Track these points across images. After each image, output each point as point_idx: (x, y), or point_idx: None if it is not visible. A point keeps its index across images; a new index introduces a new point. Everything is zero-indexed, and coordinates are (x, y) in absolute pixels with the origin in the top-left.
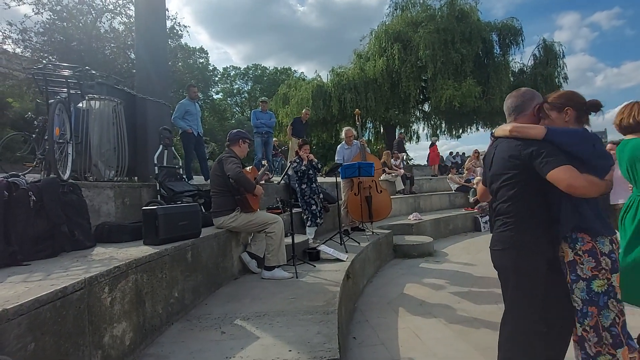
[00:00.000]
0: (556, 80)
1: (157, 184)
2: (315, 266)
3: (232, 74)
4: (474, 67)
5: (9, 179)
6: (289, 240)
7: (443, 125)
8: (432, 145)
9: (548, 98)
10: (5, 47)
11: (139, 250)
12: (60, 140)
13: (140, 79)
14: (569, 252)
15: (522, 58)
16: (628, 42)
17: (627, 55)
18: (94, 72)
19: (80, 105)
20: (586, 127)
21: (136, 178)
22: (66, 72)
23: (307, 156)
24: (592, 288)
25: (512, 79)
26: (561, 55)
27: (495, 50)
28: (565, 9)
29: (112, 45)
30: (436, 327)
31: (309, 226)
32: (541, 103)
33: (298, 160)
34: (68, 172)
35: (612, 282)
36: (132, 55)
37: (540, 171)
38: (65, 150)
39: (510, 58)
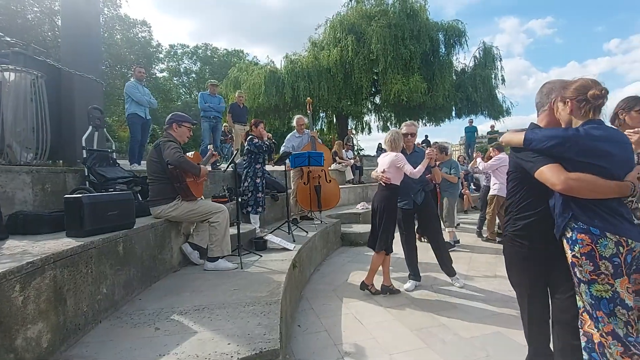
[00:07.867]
0: (492, 81)
1: (86, 169)
2: (261, 256)
3: (179, 52)
4: (421, 64)
5: None
6: (234, 229)
7: (393, 117)
8: None
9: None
10: None
11: (59, 243)
12: None
13: (66, 50)
14: (569, 253)
15: (465, 58)
16: (556, 49)
17: (555, 61)
18: (9, 39)
19: None
20: (594, 119)
21: (61, 162)
22: None
23: (267, 135)
24: (592, 292)
25: (454, 78)
26: (498, 58)
27: (441, 50)
28: (507, 14)
29: (36, 9)
30: (377, 311)
31: (250, 212)
32: (556, 96)
33: (257, 138)
34: None
35: (615, 288)
36: (60, 22)
37: (530, 172)
38: None
39: (455, 58)
